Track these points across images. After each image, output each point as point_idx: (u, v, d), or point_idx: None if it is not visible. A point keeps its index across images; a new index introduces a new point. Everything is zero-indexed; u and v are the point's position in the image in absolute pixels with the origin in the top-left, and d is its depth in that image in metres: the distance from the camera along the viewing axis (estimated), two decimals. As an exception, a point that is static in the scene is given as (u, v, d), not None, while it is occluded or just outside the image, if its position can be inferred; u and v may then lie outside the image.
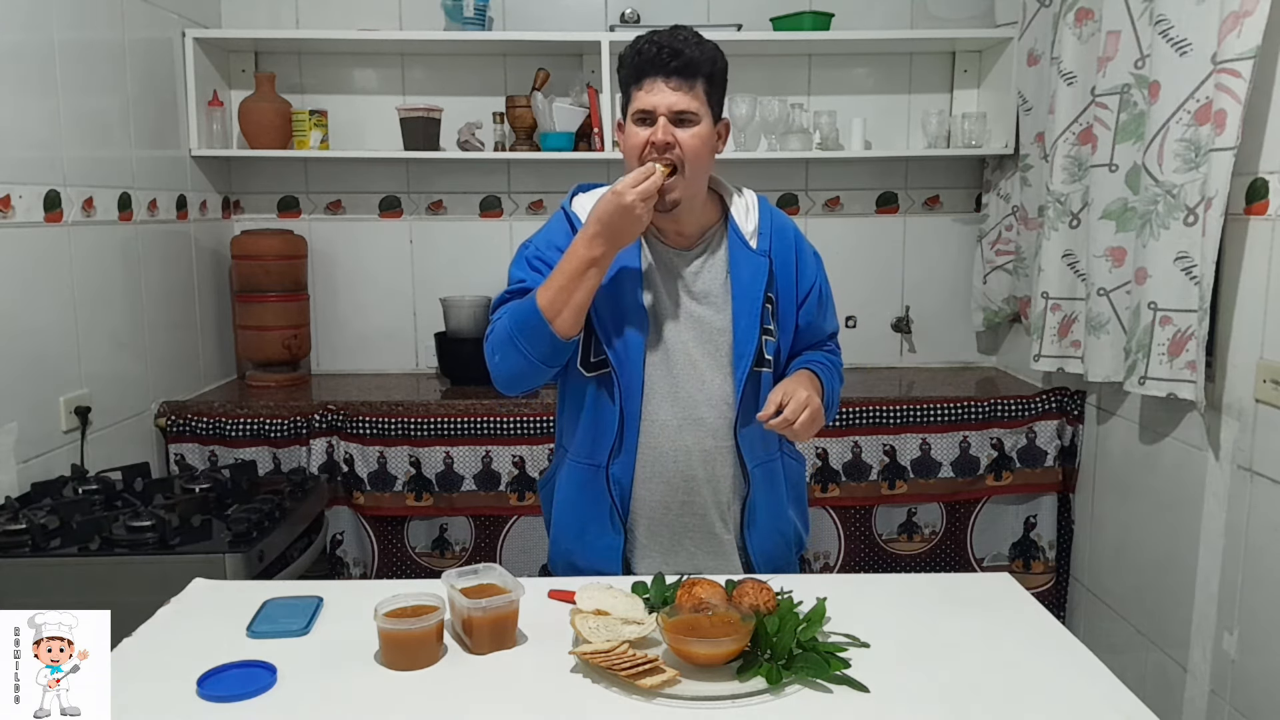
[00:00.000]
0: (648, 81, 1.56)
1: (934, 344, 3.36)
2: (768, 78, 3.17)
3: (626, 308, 1.61)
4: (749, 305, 1.63)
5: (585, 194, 1.71)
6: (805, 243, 1.75)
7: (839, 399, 1.76)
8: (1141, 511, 2.46)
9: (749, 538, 1.71)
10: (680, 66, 1.54)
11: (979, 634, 1.42)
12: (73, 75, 2.33)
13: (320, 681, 1.28)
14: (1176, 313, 2.13)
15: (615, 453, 1.65)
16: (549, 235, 1.68)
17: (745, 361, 1.63)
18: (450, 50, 3.15)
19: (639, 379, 1.63)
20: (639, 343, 1.62)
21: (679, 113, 1.55)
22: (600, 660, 1.25)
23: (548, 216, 3.26)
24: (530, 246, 1.69)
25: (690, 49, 1.55)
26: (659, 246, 1.66)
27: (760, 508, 1.70)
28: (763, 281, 1.64)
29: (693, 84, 1.56)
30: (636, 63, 1.57)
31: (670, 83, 1.55)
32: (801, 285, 1.71)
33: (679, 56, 1.54)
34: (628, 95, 1.61)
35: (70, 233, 2.32)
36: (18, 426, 2.13)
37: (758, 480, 1.68)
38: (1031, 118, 2.83)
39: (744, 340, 1.63)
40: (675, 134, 1.55)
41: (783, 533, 1.76)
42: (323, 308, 3.27)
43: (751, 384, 1.64)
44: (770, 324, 1.66)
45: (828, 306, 1.78)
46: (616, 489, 1.67)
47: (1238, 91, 1.90)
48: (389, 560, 2.83)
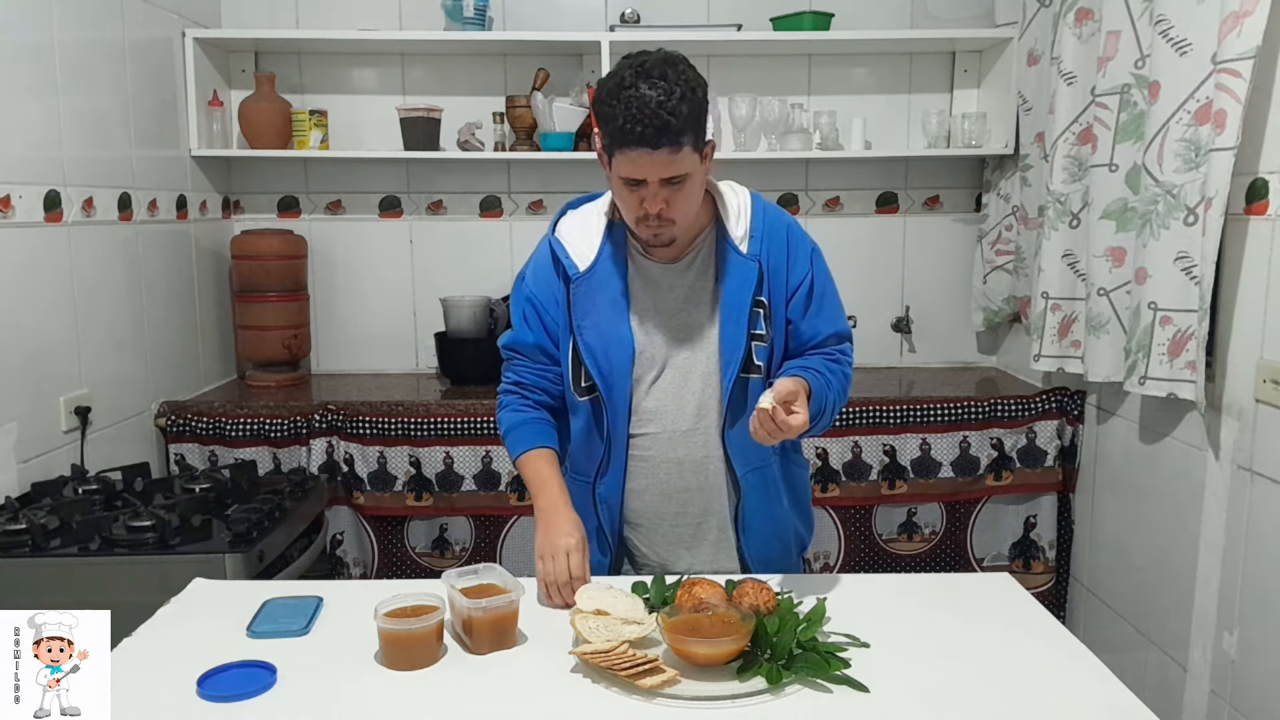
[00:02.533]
0: (631, 152, 1.46)
1: (934, 344, 3.36)
2: (768, 78, 3.17)
3: (614, 334, 1.62)
4: (736, 312, 1.61)
5: (573, 213, 1.70)
6: (800, 237, 1.68)
7: (835, 410, 1.63)
8: (1141, 511, 2.46)
9: (744, 543, 1.70)
10: (667, 139, 1.44)
11: (979, 634, 1.42)
12: (73, 75, 2.33)
13: (320, 681, 1.28)
14: (1176, 313, 2.13)
15: (602, 472, 1.68)
16: (537, 271, 1.69)
17: (732, 369, 1.61)
18: (450, 50, 3.15)
19: (626, 401, 1.64)
20: (626, 367, 1.62)
21: (668, 178, 1.49)
22: (600, 660, 1.25)
23: (548, 217, 3.28)
24: (525, 284, 1.70)
25: (673, 116, 1.43)
26: (644, 263, 1.65)
27: (753, 513, 1.69)
28: (751, 287, 1.61)
29: (679, 146, 1.46)
30: (617, 135, 1.46)
31: (657, 155, 1.45)
32: (791, 281, 1.65)
33: (664, 132, 1.43)
34: (607, 144, 1.52)
35: (70, 233, 2.32)
36: (18, 426, 2.13)
37: (750, 486, 1.67)
38: (1031, 118, 2.83)
39: (731, 347, 1.61)
40: (668, 198, 1.50)
41: (781, 537, 1.75)
42: (323, 308, 3.27)
43: (739, 390, 1.62)
44: (761, 329, 1.63)
45: (823, 303, 1.68)
46: (604, 508, 1.69)
47: (1238, 91, 1.90)
48: (389, 560, 2.83)
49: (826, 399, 1.57)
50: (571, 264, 1.63)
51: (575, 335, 1.63)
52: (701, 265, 1.65)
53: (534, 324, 1.68)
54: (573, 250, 1.64)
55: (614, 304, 1.62)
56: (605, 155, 1.54)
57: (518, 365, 1.72)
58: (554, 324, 1.67)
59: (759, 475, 1.68)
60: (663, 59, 1.49)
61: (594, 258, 1.63)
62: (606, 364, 1.62)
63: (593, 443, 1.68)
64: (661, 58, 1.49)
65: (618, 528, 1.71)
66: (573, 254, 1.64)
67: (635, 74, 1.46)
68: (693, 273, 1.64)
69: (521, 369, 1.71)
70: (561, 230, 1.67)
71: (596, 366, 1.62)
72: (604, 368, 1.62)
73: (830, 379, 1.61)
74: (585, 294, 1.63)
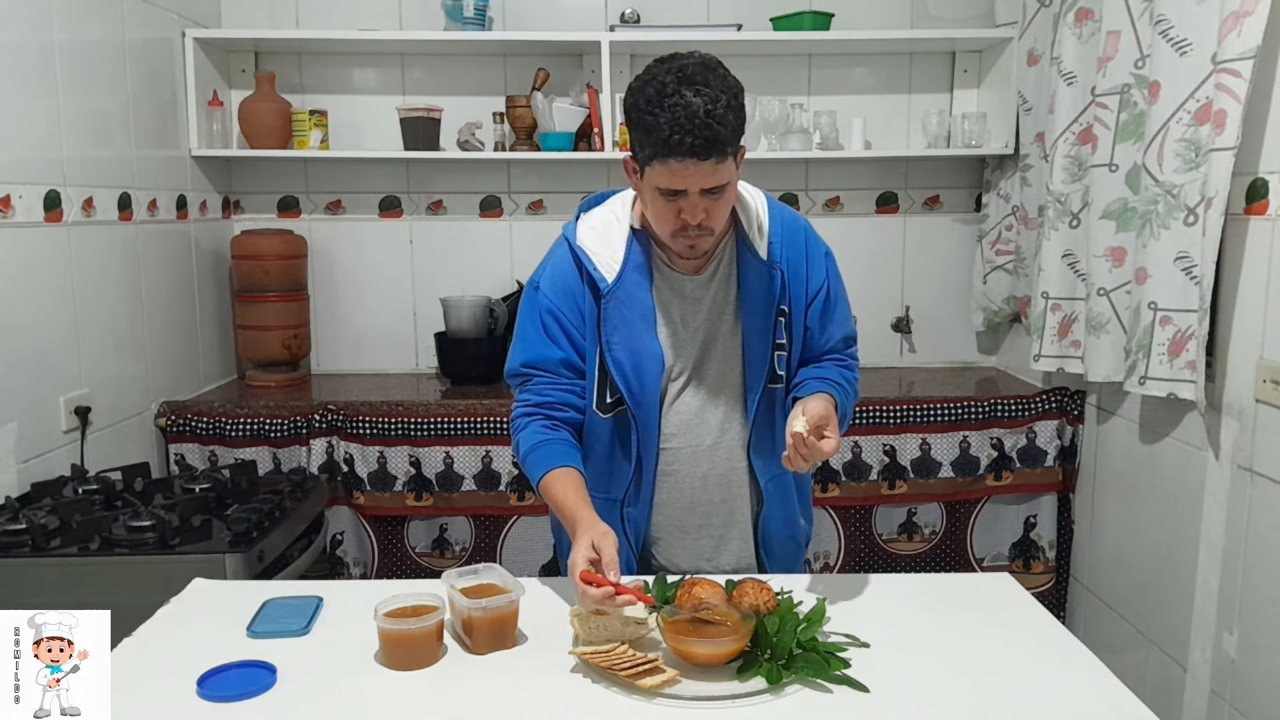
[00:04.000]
0: (675, 163, 1.38)
1: (934, 344, 3.36)
2: (768, 78, 3.16)
3: (644, 349, 1.56)
4: (761, 321, 1.57)
5: (588, 216, 1.62)
6: (816, 242, 1.65)
7: (849, 417, 1.63)
8: (1141, 511, 2.46)
9: (764, 549, 1.70)
10: (716, 150, 1.38)
11: (979, 634, 1.42)
12: (73, 75, 2.33)
13: (320, 681, 1.28)
14: (1176, 313, 2.13)
15: (632, 497, 1.62)
16: (555, 278, 1.60)
17: (759, 381, 1.58)
18: (450, 50, 3.15)
19: (655, 419, 1.59)
20: (656, 382, 1.57)
21: (711, 187, 1.43)
22: (600, 660, 1.25)
23: (548, 217, 3.30)
24: (541, 293, 1.60)
25: (721, 125, 1.37)
26: (671, 274, 1.59)
27: (773, 518, 1.69)
28: (774, 294, 1.57)
29: (725, 156, 1.40)
30: (661, 146, 1.38)
31: (703, 165, 1.39)
32: (810, 288, 1.62)
33: (714, 143, 1.37)
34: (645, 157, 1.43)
35: (70, 233, 2.32)
36: (18, 426, 2.13)
37: (771, 494, 1.67)
38: (1031, 118, 2.83)
39: (757, 360, 1.58)
40: (706, 207, 1.44)
41: (794, 538, 1.75)
42: (323, 308, 3.27)
43: (766, 401, 1.60)
44: (783, 338, 1.59)
45: (837, 309, 1.66)
46: (631, 527, 1.64)
47: (1238, 91, 1.90)
48: (389, 560, 2.83)
49: (846, 409, 1.57)
50: (601, 277, 1.55)
51: (603, 350, 1.56)
52: (724, 274, 1.59)
53: (559, 338, 1.58)
54: (599, 260, 1.56)
55: (643, 317, 1.56)
56: (636, 165, 1.47)
57: (539, 384, 1.60)
58: (579, 338, 1.58)
59: (778, 482, 1.67)
60: (702, 63, 1.41)
61: (619, 269, 1.55)
62: (637, 380, 1.56)
63: (617, 461, 1.61)
64: (700, 61, 1.42)
65: (643, 542, 1.67)
66: (600, 265, 1.55)
67: (678, 80, 1.38)
68: (717, 283, 1.59)
69: (545, 387, 1.59)
70: (583, 239, 1.58)
71: (626, 383, 1.55)
72: (634, 384, 1.56)
73: (847, 389, 1.60)
74: (615, 308, 1.55)
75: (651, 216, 1.51)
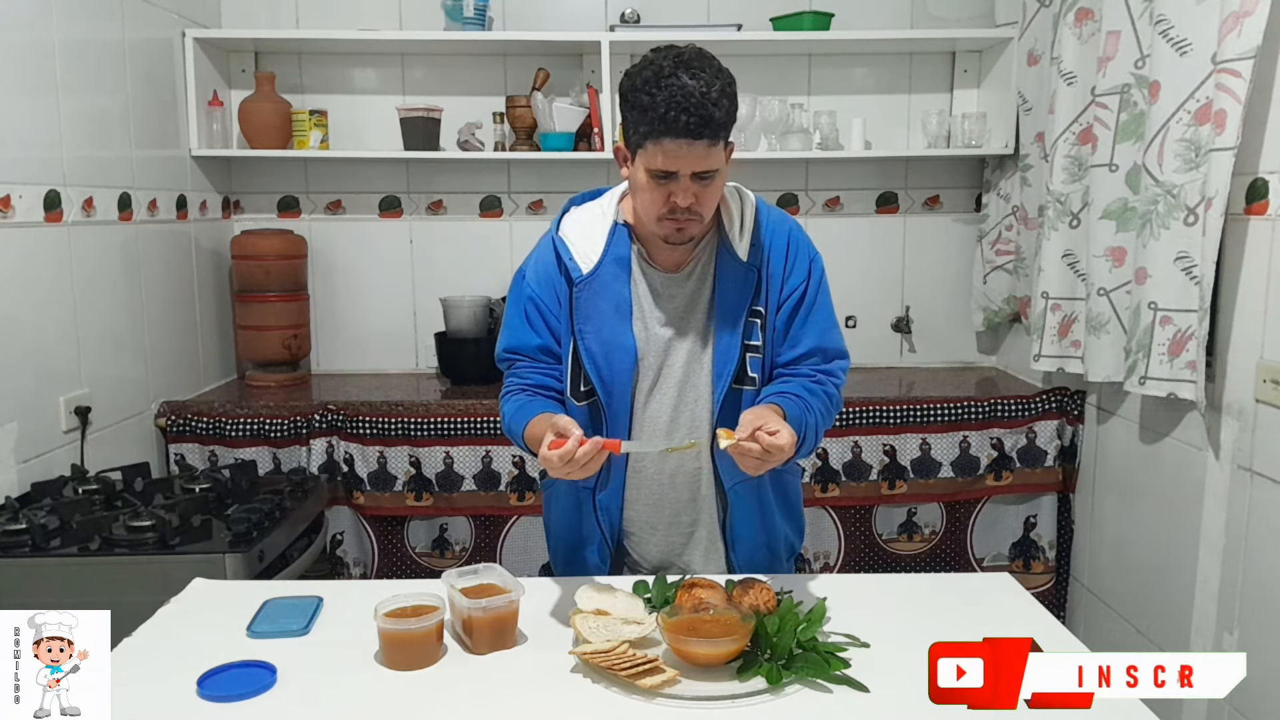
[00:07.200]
0: (669, 142, 1.43)
1: (934, 344, 3.36)
2: (768, 78, 3.16)
3: (616, 341, 1.58)
4: (731, 321, 1.59)
5: (577, 209, 1.66)
6: (802, 244, 1.64)
7: (819, 433, 1.57)
8: (1141, 511, 2.46)
9: (733, 552, 1.70)
10: (709, 131, 1.43)
11: (979, 634, 1.41)
12: (73, 75, 2.33)
13: (320, 681, 1.28)
14: (1176, 313, 2.13)
15: (603, 483, 1.65)
16: (538, 267, 1.64)
17: (724, 380, 1.59)
18: (450, 50, 3.15)
19: (627, 409, 1.61)
20: (628, 374, 1.60)
21: (700, 172, 1.46)
22: (600, 660, 1.25)
23: (548, 217, 3.29)
24: (526, 284, 1.65)
25: (716, 109, 1.42)
26: (648, 269, 1.62)
27: (741, 524, 1.68)
28: (748, 296, 1.59)
29: (717, 139, 1.45)
30: (657, 124, 1.42)
31: (696, 146, 1.43)
32: (786, 288, 1.62)
33: (708, 123, 1.42)
34: (639, 137, 1.47)
35: (70, 233, 2.32)
36: (18, 426, 2.13)
37: (738, 497, 1.66)
38: (1031, 118, 2.83)
39: (724, 359, 1.59)
40: (696, 193, 1.48)
41: (770, 545, 1.73)
42: (323, 308, 3.27)
43: (731, 401, 1.60)
44: (756, 339, 1.60)
45: (814, 316, 1.63)
46: (604, 516, 1.67)
47: (1238, 91, 1.90)
48: (389, 560, 2.83)
49: (806, 423, 1.51)
50: (575, 266, 1.59)
51: (576, 339, 1.59)
52: (701, 273, 1.62)
53: (538, 325, 1.63)
54: (576, 252, 1.60)
55: (617, 309, 1.59)
56: (627, 149, 1.51)
57: (521, 369, 1.66)
58: (557, 325, 1.63)
59: (746, 487, 1.66)
60: (698, 52, 1.47)
61: (598, 260, 1.59)
62: (608, 370, 1.59)
63: None
64: (696, 50, 1.47)
65: (617, 534, 1.70)
66: (576, 255, 1.60)
67: (674, 64, 1.42)
68: (693, 281, 1.62)
69: (526, 371, 1.65)
70: (565, 229, 1.63)
71: (597, 372, 1.59)
72: (605, 374, 1.59)
73: (810, 402, 1.54)
74: (588, 298, 1.59)
75: (640, 202, 1.53)
